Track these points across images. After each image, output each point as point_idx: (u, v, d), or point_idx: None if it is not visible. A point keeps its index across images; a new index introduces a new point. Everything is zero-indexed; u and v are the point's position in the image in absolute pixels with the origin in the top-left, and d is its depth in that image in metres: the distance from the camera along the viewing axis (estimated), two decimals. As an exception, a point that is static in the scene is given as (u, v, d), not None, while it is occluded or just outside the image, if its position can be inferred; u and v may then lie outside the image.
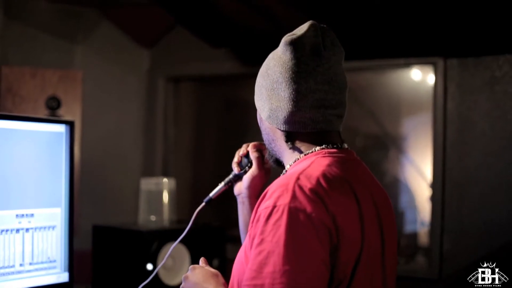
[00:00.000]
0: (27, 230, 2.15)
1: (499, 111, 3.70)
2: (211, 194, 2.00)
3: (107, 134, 4.74)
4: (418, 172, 4.24)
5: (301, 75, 1.54)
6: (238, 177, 1.94)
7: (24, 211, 2.14)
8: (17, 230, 2.12)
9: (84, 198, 4.23)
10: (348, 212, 1.44)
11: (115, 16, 4.70)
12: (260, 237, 1.38)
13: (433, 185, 3.91)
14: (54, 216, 2.24)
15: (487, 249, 3.62)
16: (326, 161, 1.50)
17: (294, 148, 1.59)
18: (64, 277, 2.28)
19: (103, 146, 4.69)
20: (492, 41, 3.68)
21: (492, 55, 3.72)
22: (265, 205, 1.41)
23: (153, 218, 3.57)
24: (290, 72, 1.54)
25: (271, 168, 1.86)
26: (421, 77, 4.25)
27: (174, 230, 3.25)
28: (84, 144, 4.16)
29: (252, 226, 1.44)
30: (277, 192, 1.40)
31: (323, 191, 1.40)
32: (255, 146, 1.86)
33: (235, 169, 1.92)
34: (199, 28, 4.47)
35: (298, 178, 1.42)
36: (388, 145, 4.46)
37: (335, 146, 1.57)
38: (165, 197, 3.57)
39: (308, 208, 1.36)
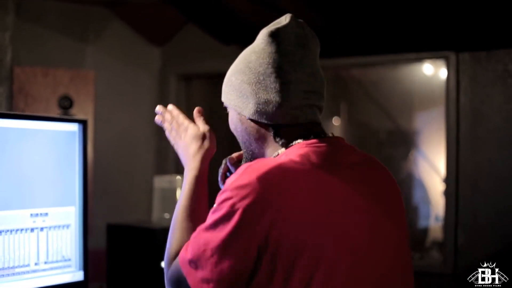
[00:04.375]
0: (41, 229, 2.15)
1: (512, 104, 3.68)
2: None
3: (119, 133, 4.75)
4: (432, 167, 4.22)
5: (290, 65, 1.48)
6: None
7: (38, 210, 2.15)
8: (32, 229, 2.12)
9: (97, 196, 4.25)
10: (306, 203, 1.36)
11: (126, 15, 4.71)
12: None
13: (447, 180, 3.89)
14: (68, 215, 2.24)
15: (501, 243, 3.60)
16: (299, 151, 1.44)
17: (279, 143, 1.52)
18: (79, 276, 2.28)
19: (116, 144, 4.69)
20: (504, 35, 3.66)
21: (504, 49, 3.71)
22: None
23: (166, 215, 3.57)
24: (279, 62, 1.48)
25: None
26: (433, 71, 4.24)
27: (187, 228, 3.24)
28: (97, 143, 4.18)
29: None
30: (232, 176, 1.40)
31: (270, 182, 1.35)
32: (233, 160, 1.76)
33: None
34: (210, 25, 4.47)
35: (250, 165, 1.39)
36: (401, 140, 4.45)
37: (317, 136, 1.50)
38: (178, 194, 3.57)
39: (237, 198, 1.34)
